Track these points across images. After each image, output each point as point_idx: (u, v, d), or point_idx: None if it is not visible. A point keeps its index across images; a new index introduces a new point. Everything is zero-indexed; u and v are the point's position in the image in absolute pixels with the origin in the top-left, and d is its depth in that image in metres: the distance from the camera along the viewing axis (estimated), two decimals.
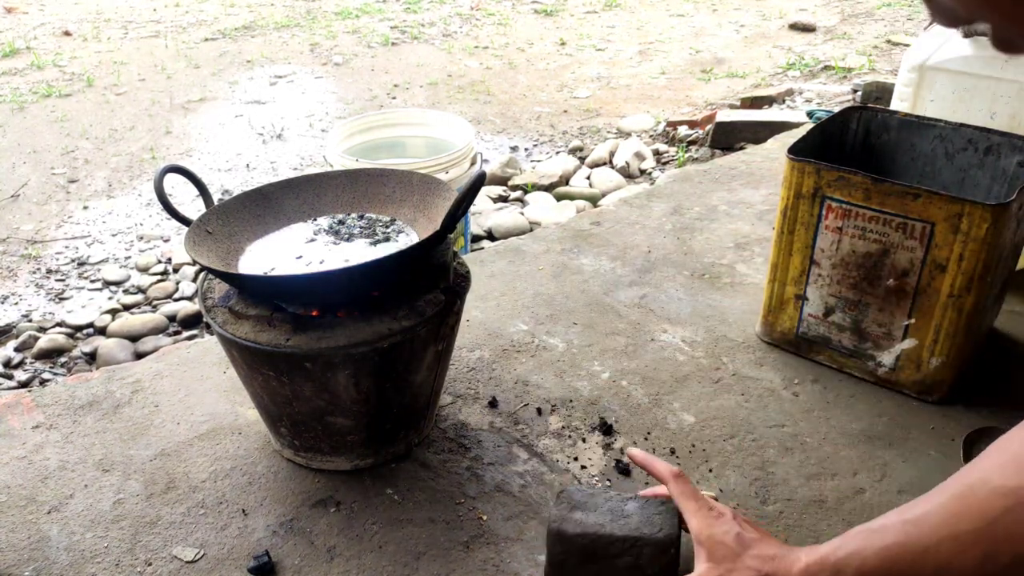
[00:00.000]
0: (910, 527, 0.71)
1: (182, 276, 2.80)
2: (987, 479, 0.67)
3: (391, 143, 2.66)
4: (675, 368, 1.54)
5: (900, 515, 0.74)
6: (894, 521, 0.74)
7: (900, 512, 0.74)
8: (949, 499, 0.70)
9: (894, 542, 0.72)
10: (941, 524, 0.69)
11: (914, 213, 1.31)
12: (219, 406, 1.45)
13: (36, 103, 4.30)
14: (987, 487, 0.67)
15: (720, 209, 2.16)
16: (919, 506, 0.73)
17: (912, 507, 0.74)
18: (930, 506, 0.71)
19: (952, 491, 0.70)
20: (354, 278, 1.15)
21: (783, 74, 4.46)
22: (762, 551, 0.85)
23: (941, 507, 0.70)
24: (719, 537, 0.88)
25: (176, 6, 6.29)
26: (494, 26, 5.76)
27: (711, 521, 0.90)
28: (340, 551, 1.16)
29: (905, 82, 1.73)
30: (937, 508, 0.70)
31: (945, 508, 0.70)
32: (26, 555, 1.16)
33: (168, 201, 1.26)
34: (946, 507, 0.70)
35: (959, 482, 0.71)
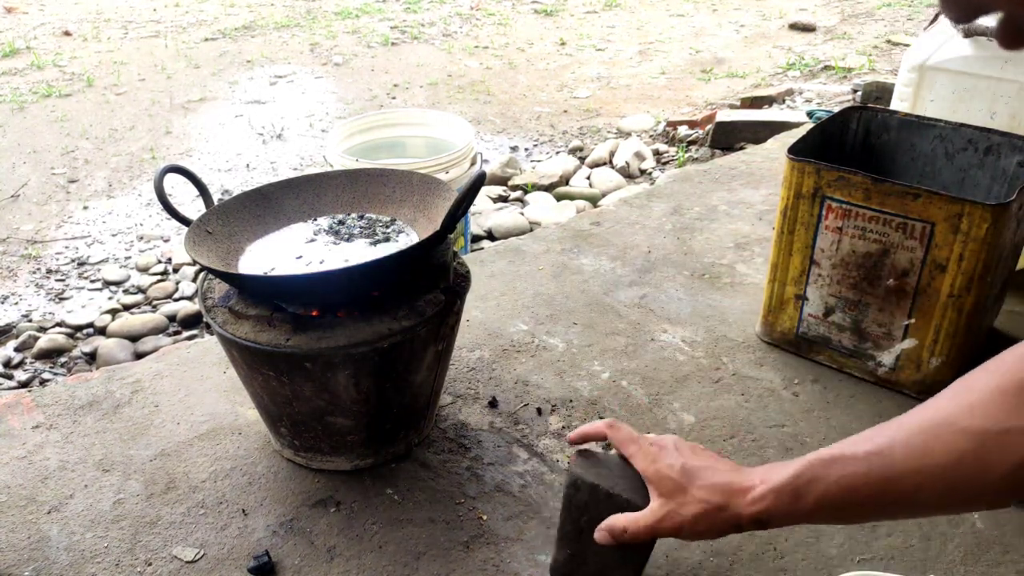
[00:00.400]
0: (874, 458, 0.73)
1: (182, 276, 2.80)
2: (953, 420, 0.70)
3: (391, 143, 2.66)
4: (675, 368, 1.54)
5: (859, 445, 0.75)
6: (855, 451, 0.75)
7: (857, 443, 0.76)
8: (912, 435, 0.72)
9: (856, 471, 0.74)
10: (905, 458, 0.72)
11: (914, 213, 1.31)
12: (219, 406, 1.45)
13: (36, 103, 4.30)
14: (954, 427, 0.69)
15: (720, 209, 2.16)
16: (879, 438, 0.75)
17: (872, 438, 0.75)
18: (893, 440, 0.73)
19: (915, 427, 0.73)
20: (354, 278, 1.15)
21: (783, 74, 4.46)
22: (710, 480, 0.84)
23: (905, 443, 0.72)
24: (664, 471, 0.87)
25: (176, 6, 6.29)
26: (494, 26, 5.76)
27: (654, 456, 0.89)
28: (340, 551, 1.16)
29: (905, 82, 1.73)
30: (901, 443, 0.73)
31: (909, 444, 0.72)
32: (26, 555, 1.16)
33: (168, 201, 1.26)
34: (909, 443, 0.72)
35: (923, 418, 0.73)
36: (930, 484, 0.70)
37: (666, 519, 0.85)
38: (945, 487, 0.70)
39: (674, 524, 0.85)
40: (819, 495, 0.76)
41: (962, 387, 0.72)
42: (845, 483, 0.75)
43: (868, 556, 1.14)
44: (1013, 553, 1.14)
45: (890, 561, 1.13)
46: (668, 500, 0.86)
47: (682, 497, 0.85)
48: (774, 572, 1.12)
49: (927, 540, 1.16)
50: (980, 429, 0.68)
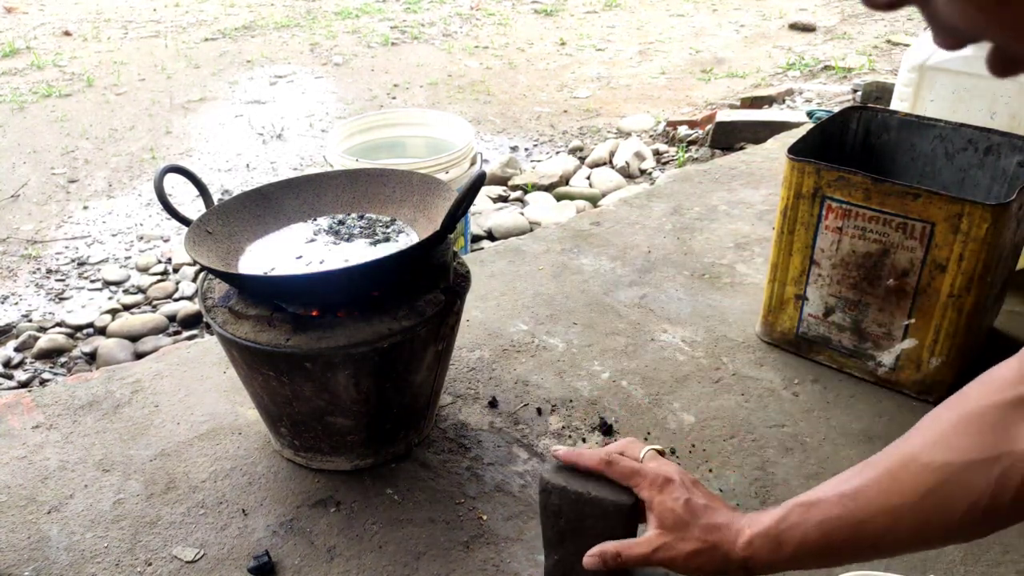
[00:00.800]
0: (847, 500, 0.74)
1: (182, 276, 2.80)
2: (916, 456, 0.71)
3: (391, 143, 2.65)
4: (675, 368, 1.54)
5: (836, 488, 0.76)
6: (831, 495, 0.76)
7: (836, 485, 0.77)
8: (882, 474, 0.73)
9: (831, 515, 0.75)
10: (875, 498, 0.72)
11: (914, 213, 1.31)
12: (219, 406, 1.45)
13: (36, 103, 4.30)
14: (917, 463, 0.70)
15: (720, 209, 2.16)
16: (854, 480, 0.75)
17: (847, 480, 0.76)
18: (864, 480, 0.74)
19: (884, 466, 0.73)
20: (354, 278, 1.15)
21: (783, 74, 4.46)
22: (711, 520, 0.85)
23: (875, 482, 0.73)
24: (669, 504, 0.87)
25: (176, 6, 6.29)
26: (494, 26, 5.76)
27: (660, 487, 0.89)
28: (340, 551, 1.16)
29: (905, 82, 1.73)
30: (871, 483, 0.73)
31: (878, 483, 0.73)
32: (26, 555, 1.16)
33: (168, 201, 1.26)
34: (879, 482, 0.73)
35: (890, 458, 0.73)
36: (900, 524, 0.71)
37: (662, 550, 0.86)
38: (914, 524, 0.70)
39: (669, 556, 0.86)
40: (799, 541, 0.77)
41: (929, 421, 0.73)
42: (823, 528, 0.75)
43: None
44: (1013, 553, 1.14)
45: (890, 561, 1.13)
46: (667, 533, 0.87)
47: (682, 532, 0.86)
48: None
49: None
50: (943, 463, 0.68)
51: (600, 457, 0.95)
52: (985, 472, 0.66)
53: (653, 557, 0.87)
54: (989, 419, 0.67)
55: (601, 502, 0.93)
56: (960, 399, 0.71)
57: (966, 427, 0.68)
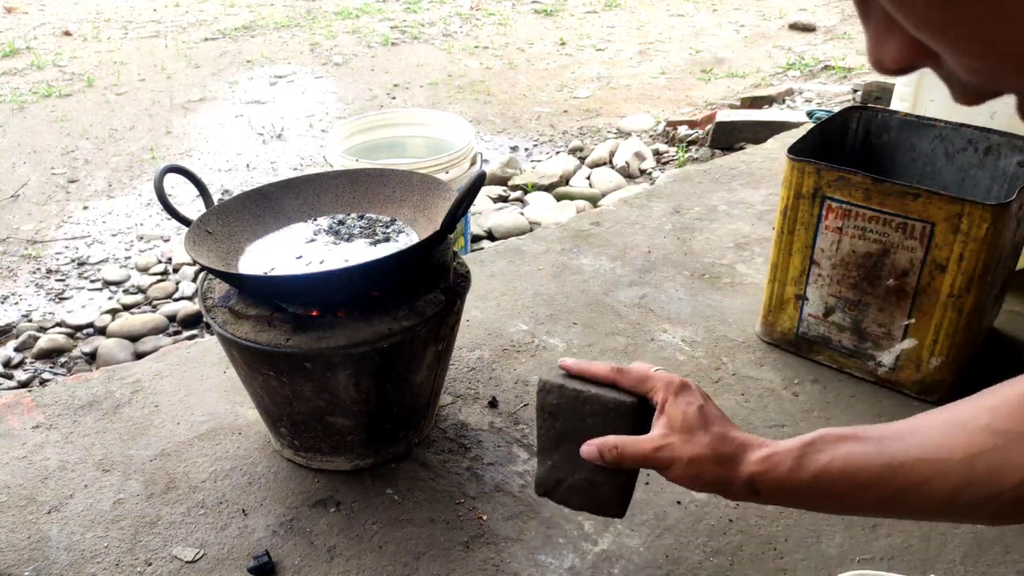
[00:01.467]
0: (887, 442, 0.70)
1: (182, 276, 2.80)
2: (977, 417, 0.67)
3: (391, 143, 2.65)
4: (675, 368, 1.54)
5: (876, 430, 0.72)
6: (871, 433, 0.72)
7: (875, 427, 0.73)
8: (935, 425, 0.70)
9: (865, 451, 0.71)
10: (922, 446, 0.69)
11: (914, 213, 1.31)
12: (219, 406, 1.45)
13: (36, 103, 4.30)
14: (976, 423, 0.67)
15: (720, 209, 2.16)
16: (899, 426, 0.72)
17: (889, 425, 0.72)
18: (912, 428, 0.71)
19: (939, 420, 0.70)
20: (354, 278, 1.15)
21: (783, 74, 4.46)
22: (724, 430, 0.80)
23: (925, 431, 0.70)
24: (681, 407, 0.82)
25: (176, 6, 6.29)
26: (494, 26, 5.76)
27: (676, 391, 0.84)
28: (340, 551, 1.16)
29: (905, 82, 1.73)
30: (921, 431, 0.70)
31: (928, 433, 0.69)
32: (26, 555, 1.16)
33: (168, 201, 1.26)
34: (929, 433, 0.69)
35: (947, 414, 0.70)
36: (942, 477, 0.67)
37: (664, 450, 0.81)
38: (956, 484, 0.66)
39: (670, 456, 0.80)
40: (821, 467, 0.71)
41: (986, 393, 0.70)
42: (851, 460, 0.71)
43: (868, 556, 1.14)
44: (1013, 553, 1.14)
45: (890, 561, 1.13)
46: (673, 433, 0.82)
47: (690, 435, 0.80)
48: (774, 572, 1.12)
49: (927, 540, 1.16)
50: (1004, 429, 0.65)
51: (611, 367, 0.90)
52: None
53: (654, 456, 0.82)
54: None
55: (601, 398, 0.88)
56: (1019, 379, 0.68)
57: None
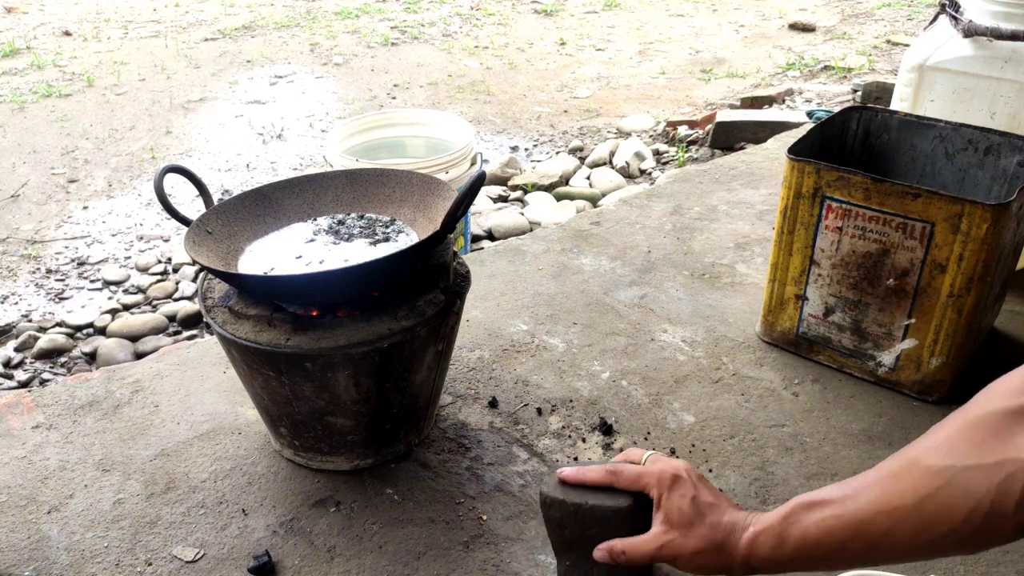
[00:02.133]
0: (849, 501, 0.75)
1: (182, 276, 2.80)
2: (919, 459, 0.71)
3: (391, 143, 2.65)
4: (675, 368, 1.54)
5: (840, 489, 0.78)
6: (833, 495, 0.77)
7: (840, 486, 0.78)
8: (884, 477, 0.74)
9: (832, 515, 0.76)
10: (876, 500, 0.73)
11: (914, 213, 1.31)
12: (219, 406, 1.45)
13: (36, 103, 4.30)
14: (919, 466, 0.70)
15: (720, 209, 2.16)
16: (858, 481, 0.76)
17: (851, 482, 0.77)
18: (866, 482, 0.75)
19: (887, 470, 0.74)
20: (354, 278, 1.15)
21: (783, 74, 4.46)
22: (716, 518, 0.87)
23: (877, 484, 0.74)
24: (676, 502, 0.89)
25: (176, 6, 6.29)
26: (494, 26, 5.76)
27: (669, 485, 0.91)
28: (340, 551, 1.16)
29: (905, 82, 1.73)
30: (873, 484, 0.74)
31: (880, 485, 0.73)
32: (26, 555, 1.16)
33: (168, 201, 1.26)
34: (881, 484, 0.73)
35: (894, 462, 0.74)
36: (900, 526, 0.71)
37: (667, 547, 0.88)
38: (914, 528, 0.70)
39: (673, 553, 0.88)
40: (799, 538, 0.78)
41: (936, 427, 0.73)
42: (824, 526, 0.76)
43: None
44: (1013, 553, 1.14)
45: None
46: (673, 530, 0.88)
47: (688, 530, 0.87)
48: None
49: None
50: (944, 467, 0.68)
51: (605, 469, 0.97)
52: (986, 478, 0.65)
53: (658, 554, 0.89)
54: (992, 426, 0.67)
55: (599, 509, 0.95)
56: (967, 407, 0.71)
57: (969, 433, 0.68)
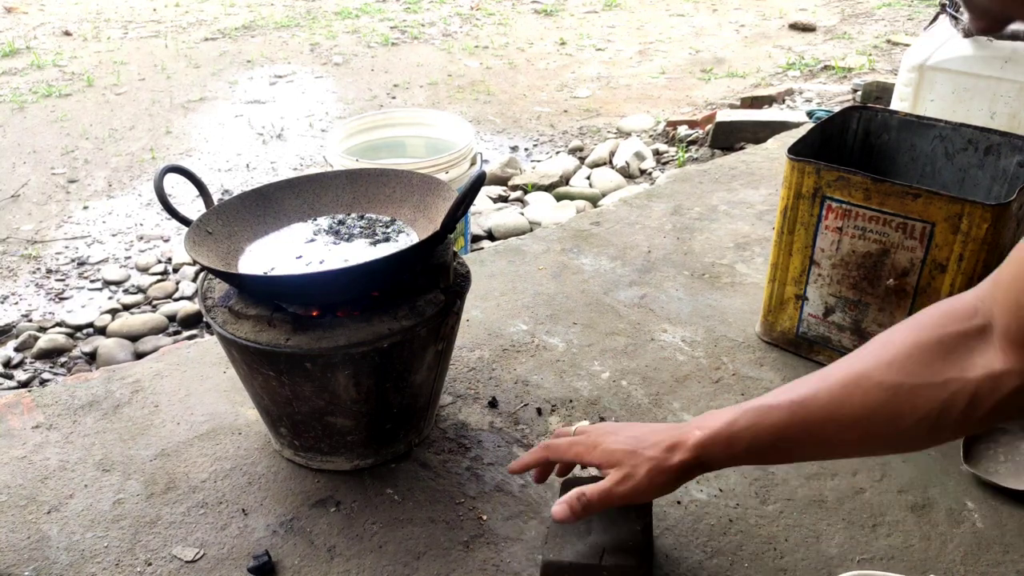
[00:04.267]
0: (797, 407, 0.80)
1: (182, 276, 2.80)
2: (869, 374, 0.76)
3: (391, 143, 2.66)
4: (675, 368, 1.54)
5: (787, 395, 0.83)
6: (784, 401, 0.82)
7: (788, 391, 0.83)
8: (835, 385, 0.79)
9: (783, 420, 0.81)
10: (824, 407, 0.79)
11: (914, 213, 1.31)
12: (219, 406, 1.45)
13: (36, 103, 4.30)
14: (870, 381, 0.76)
15: (720, 209, 2.16)
16: (804, 388, 0.82)
17: (798, 387, 0.83)
18: (816, 390, 0.80)
19: (837, 379, 0.79)
20: (354, 278, 1.15)
21: (783, 74, 4.46)
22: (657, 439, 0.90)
23: (828, 392, 0.79)
24: (611, 447, 0.92)
25: (176, 6, 6.29)
26: (494, 26, 5.76)
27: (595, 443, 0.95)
28: (340, 551, 1.16)
29: (905, 82, 1.73)
30: (824, 392, 0.79)
31: (831, 393, 0.79)
32: (26, 555, 1.16)
33: (168, 201, 1.26)
34: (832, 392, 0.79)
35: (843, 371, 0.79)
36: (847, 432, 0.77)
37: (622, 482, 0.90)
38: (861, 435, 0.77)
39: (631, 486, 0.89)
40: (749, 441, 0.83)
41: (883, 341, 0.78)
42: (774, 430, 0.81)
43: (868, 556, 1.14)
44: (1013, 553, 1.14)
45: (890, 561, 1.13)
46: (622, 466, 0.91)
47: (634, 459, 0.90)
48: (774, 572, 1.12)
49: (927, 540, 1.16)
50: (895, 383, 0.74)
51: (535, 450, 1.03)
52: (935, 395, 0.72)
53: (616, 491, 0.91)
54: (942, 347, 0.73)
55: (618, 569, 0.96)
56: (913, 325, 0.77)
57: (920, 353, 0.74)
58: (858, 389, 0.76)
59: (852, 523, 1.19)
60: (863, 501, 1.23)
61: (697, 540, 1.17)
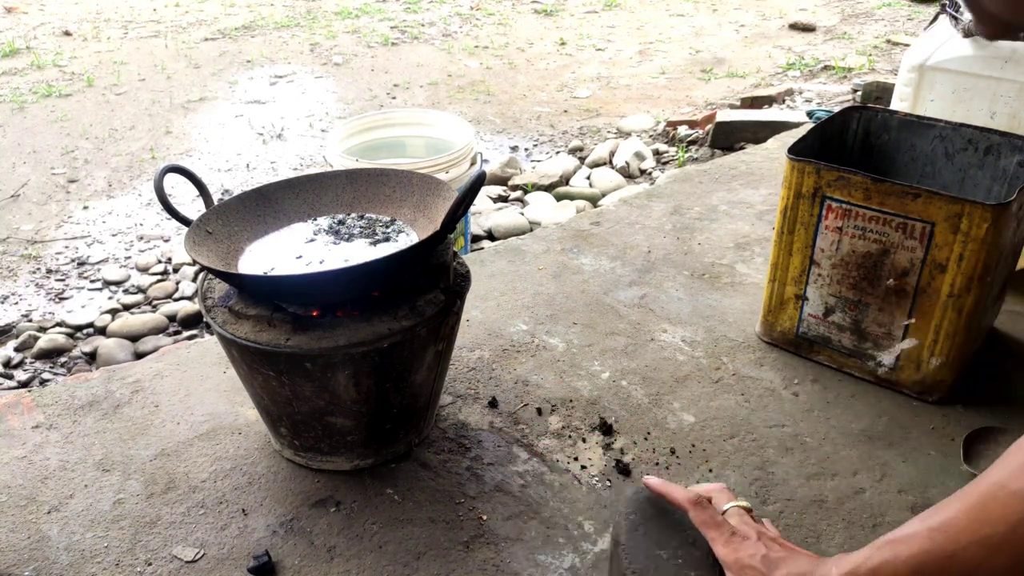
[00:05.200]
0: (936, 534, 0.72)
1: (182, 276, 2.80)
2: (1005, 484, 0.68)
3: (391, 143, 2.66)
4: (675, 368, 1.54)
5: (924, 522, 0.74)
6: (919, 529, 0.74)
7: (923, 519, 0.74)
8: (970, 506, 0.70)
9: (921, 549, 0.72)
10: (965, 530, 0.70)
11: (914, 213, 1.31)
12: (219, 406, 1.45)
13: (36, 103, 4.30)
14: (1006, 491, 0.68)
15: (720, 209, 2.16)
16: (942, 513, 0.73)
17: (935, 513, 0.74)
18: (953, 513, 0.72)
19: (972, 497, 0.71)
20: (354, 278, 1.15)
21: (783, 74, 4.46)
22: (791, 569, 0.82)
23: (964, 513, 0.70)
24: (746, 561, 0.85)
25: (176, 6, 6.29)
26: (494, 26, 5.76)
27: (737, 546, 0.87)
28: (340, 551, 1.16)
29: (905, 82, 1.73)
30: (960, 515, 0.71)
31: (968, 515, 0.70)
32: (26, 555, 1.16)
33: (168, 201, 1.26)
34: (969, 514, 0.70)
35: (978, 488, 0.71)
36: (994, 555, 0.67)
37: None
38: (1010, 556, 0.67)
39: None
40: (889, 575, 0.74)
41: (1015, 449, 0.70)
42: (913, 563, 0.72)
43: None
44: None
45: None
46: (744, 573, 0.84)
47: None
48: None
49: None
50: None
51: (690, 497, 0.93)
52: None
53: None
54: None
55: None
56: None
57: None
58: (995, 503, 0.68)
59: (852, 523, 1.19)
60: (863, 501, 1.23)
61: None
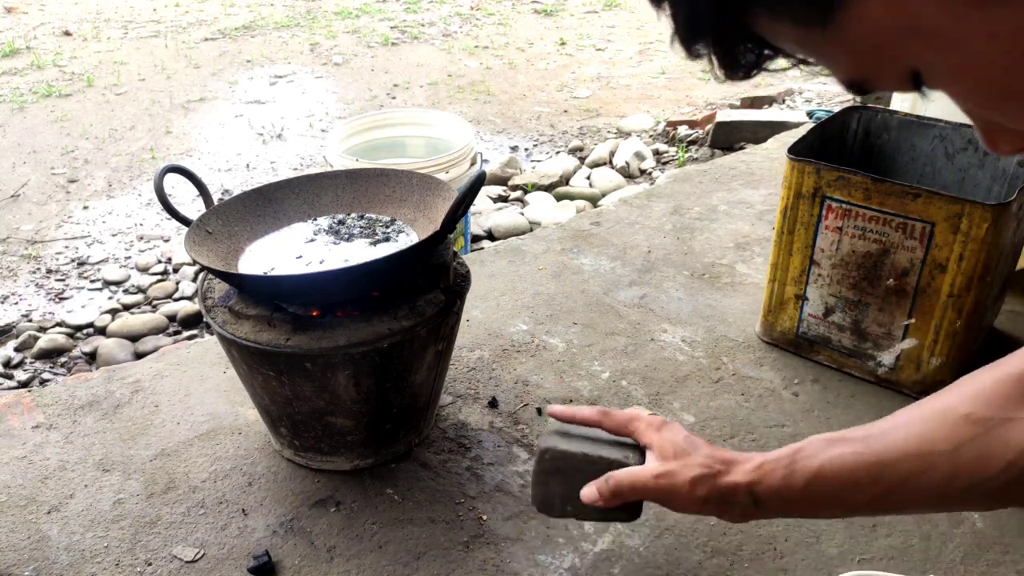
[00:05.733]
0: (873, 440, 0.72)
1: (182, 276, 2.80)
2: (954, 407, 0.68)
3: (391, 143, 2.65)
4: (675, 368, 1.54)
5: (861, 430, 0.74)
6: (856, 435, 0.74)
7: (860, 428, 0.74)
8: (915, 420, 0.71)
9: (852, 452, 0.72)
10: (904, 442, 0.70)
11: (914, 213, 1.31)
12: (219, 406, 1.45)
13: (36, 103, 4.30)
14: (955, 413, 0.68)
15: (720, 209, 2.16)
16: (882, 424, 0.73)
17: (875, 424, 0.74)
18: (892, 425, 0.72)
19: (918, 414, 0.71)
20: (354, 278, 1.15)
21: (783, 74, 4.47)
22: (715, 451, 0.82)
23: (906, 426, 0.71)
24: (668, 437, 0.85)
25: (176, 6, 6.29)
26: (494, 26, 5.76)
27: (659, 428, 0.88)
28: (340, 551, 1.16)
29: None
30: (901, 427, 0.71)
31: (910, 428, 0.70)
32: (26, 555, 1.16)
33: (168, 201, 1.26)
34: (911, 427, 0.70)
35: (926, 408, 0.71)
36: (930, 470, 0.68)
37: (664, 476, 0.82)
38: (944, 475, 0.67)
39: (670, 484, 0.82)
40: (813, 472, 0.73)
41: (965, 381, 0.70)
42: (840, 462, 0.72)
43: (868, 556, 1.14)
44: (1013, 553, 1.14)
45: (890, 561, 1.13)
46: (669, 461, 0.83)
47: (685, 459, 0.82)
48: (774, 572, 1.12)
49: (927, 540, 1.16)
50: (984, 417, 0.66)
51: (597, 409, 0.95)
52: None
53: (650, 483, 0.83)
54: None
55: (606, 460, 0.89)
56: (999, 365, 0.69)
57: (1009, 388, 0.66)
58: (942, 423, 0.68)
59: (852, 523, 1.19)
60: None
61: (697, 540, 1.16)
